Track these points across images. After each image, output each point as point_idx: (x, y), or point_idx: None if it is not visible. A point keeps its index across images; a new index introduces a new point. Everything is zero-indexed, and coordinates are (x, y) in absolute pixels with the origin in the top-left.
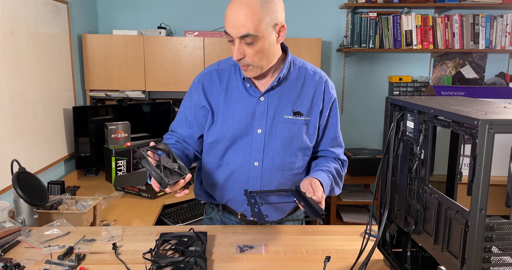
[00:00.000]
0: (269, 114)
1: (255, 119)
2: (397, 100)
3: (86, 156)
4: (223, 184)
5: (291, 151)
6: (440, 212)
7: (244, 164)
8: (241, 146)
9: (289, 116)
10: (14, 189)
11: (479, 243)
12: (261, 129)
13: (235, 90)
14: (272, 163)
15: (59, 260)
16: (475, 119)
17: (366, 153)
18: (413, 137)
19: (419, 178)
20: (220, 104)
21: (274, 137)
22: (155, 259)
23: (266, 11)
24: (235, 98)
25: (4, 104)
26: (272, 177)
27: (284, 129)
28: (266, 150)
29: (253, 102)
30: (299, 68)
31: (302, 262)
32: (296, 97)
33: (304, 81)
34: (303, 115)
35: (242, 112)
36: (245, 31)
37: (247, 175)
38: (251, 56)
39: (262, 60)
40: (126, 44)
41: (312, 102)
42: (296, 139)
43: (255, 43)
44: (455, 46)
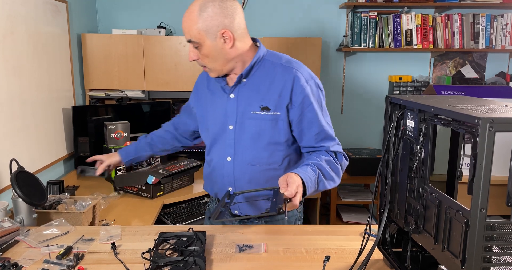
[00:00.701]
0: (238, 111)
1: (227, 116)
2: (397, 99)
3: (85, 156)
4: (210, 178)
5: (260, 146)
6: (441, 212)
7: (220, 160)
8: (219, 142)
9: (256, 112)
10: (12, 188)
11: (479, 242)
12: (232, 126)
13: (216, 90)
14: (242, 158)
15: (57, 259)
16: (476, 117)
17: (366, 152)
18: (413, 136)
19: (419, 177)
20: (207, 105)
21: (244, 132)
22: (154, 258)
23: (204, 18)
24: (214, 97)
25: (3, 104)
26: (244, 172)
27: (252, 124)
28: (237, 145)
29: (225, 99)
30: (272, 64)
31: (302, 262)
32: (265, 92)
33: (274, 77)
34: (271, 110)
35: (219, 110)
36: (188, 37)
37: (222, 170)
38: (203, 59)
39: (214, 63)
40: (125, 43)
41: (280, 96)
42: (264, 134)
43: (200, 48)
44: (455, 46)
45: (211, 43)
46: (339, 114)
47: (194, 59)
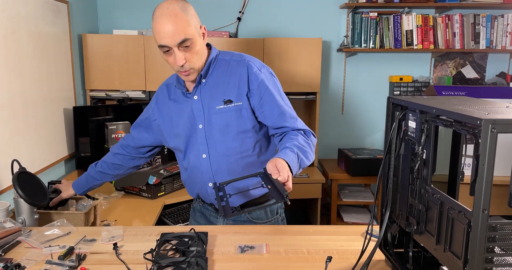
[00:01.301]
0: (204, 109)
1: (195, 117)
2: (399, 99)
3: (86, 156)
4: (189, 180)
5: (230, 137)
6: (442, 212)
7: (197, 159)
8: (191, 144)
9: (221, 106)
10: (14, 189)
11: (481, 243)
12: (201, 124)
13: (177, 98)
14: (216, 152)
15: (59, 260)
16: (478, 118)
17: (366, 153)
18: (415, 137)
19: (421, 178)
20: (171, 114)
21: (212, 128)
22: (156, 259)
23: (190, 16)
24: (178, 104)
25: (4, 104)
26: (220, 165)
27: (218, 119)
28: (209, 141)
29: (190, 102)
30: (226, 61)
31: (303, 262)
32: (225, 87)
33: (230, 71)
34: (233, 101)
35: (185, 114)
36: (181, 37)
37: (200, 168)
38: (191, 60)
39: (199, 62)
40: (126, 44)
41: (239, 87)
42: (231, 125)
43: (192, 46)
44: (455, 46)
45: (199, 39)
46: (340, 115)
47: (184, 62)
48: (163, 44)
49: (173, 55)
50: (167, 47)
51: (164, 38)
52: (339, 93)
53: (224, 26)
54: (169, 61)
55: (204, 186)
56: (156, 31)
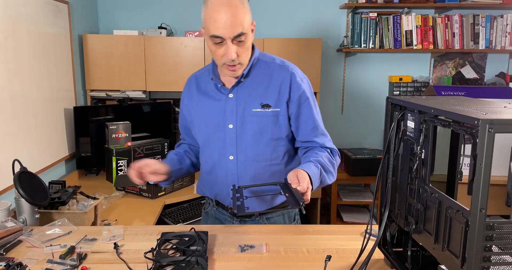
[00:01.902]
0: (238, 109)
1: (226, 116)
2: (397, 100)
3: (86, 156)
4: (208, 180)
5: (263, 142)
6: (441, 212)
7: (221, 159)
8: (217, 142)
9: (257, 109)
10: (15, 188)
11: (479, 242)
12: (232, 124)
13: (209, 91)
14: (245, 156)
15: (60, 259)
16: (476, 118)
17: (366, 153)
18: (413, 137)
19: (420, 177)
20: (198, 107)
21: (245, 130)
22: (157, 258)
23: (247, 10)
24: (209, 99)
25: (5, 104)
26: (248, 169)
27: (253, 122)
28: (239, 143)
29: (223, 99)
30: (267, 63)
31: (303, 262)
32: (264, 90)
33: (272, 75)
34: (271, 106)
35: (215, 109)
36: (239, 30)
37: (225, 169)
38: (241, 55)
39: (247, 58)
40: (126, 44)
41: (279, 93)
42: (266, 131)
43: (245, 41)
44: (455, 46)
45: (251, 34)
46: (339, 115)
47: (236, 56)
48: (217, 35)
49: (224, 47)
50: (221, 38)
51: (220, 28)
52: (339, 93)
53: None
54: (218, 52)
55: (226, 187)
56: (212, 19)
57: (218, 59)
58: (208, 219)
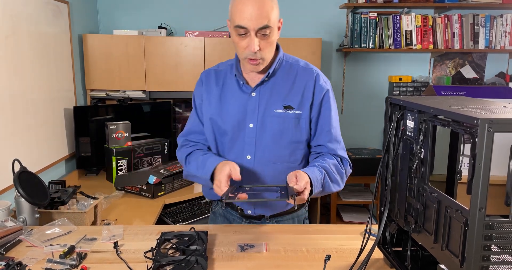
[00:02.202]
0: (260, 109)
1: (247, 114)
2: (397, 99)
3: (86, 156)
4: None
5: (282, 144)
6: (440, 211)
7: (238, 158)
8: (235, 140)
9: (279, 110)
10: (15, 188)
11: (478, 241)
12: (252, 124)
13: (230, 88)
14: (263, 156)
15: (60, 258)
16: (475, 118)
17: (366, 152)
18: (413, 136)
19: (419, 177)
20: (217, 102)
21: (265, 131)
22: (156, 257)
23: (275, 4)
24: (229, 95)
25: (5, 104)
26: (265, 170)
27: (274, 122)
28: (258, 143)
29: (245, 98)
30: (291, 64)
31: (303, 261)
32: (287, 92)
33: (296, 76)
34: (294, 108)
35: (235, 107)
36: (264, 22)
37: (241, 168)
38: (264, 49)
39: (270, 54)
40: (126, 44)
41: (302, 96)
42: (287, 133)
43: (270, 35)
44: (455, 46)
45: (276, 30)
46: (339, 114)
47: (258, 49)
48: (242, 25)
49: (247, 39)
50: (245, 29)
51: (245, 19)
52: (339, 93)
53: (224, 26)
54: (241, 44)
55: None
56: (238, 9)
57: (240, 52)
58: (216, 219)
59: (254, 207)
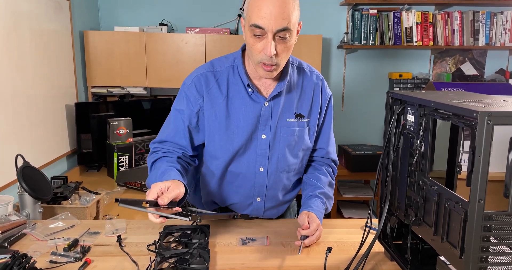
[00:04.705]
0: (273, 119)
1: (259, 125)
2: (397, 94)
3: (88, 152)
4: (226, 191)
5: (294, 154)
6: (440, 204)
7: (249, 171)
8: (246, 153)
9: (291, 120)
10: (18, 183)
11: (477, 233)
12: (265, 135)
13: (236, 95)
14: (277, 167)
15: (64, 251)
16: (474, 111)
17: (366, 149)
18: (413, 130)
19: (419, 170)
20: (222, 111)
21: (279, 141)
22: (159, 250)
23: (297, 6)
24: (237, 104)
25: (7, 100)
26: (277, 180)
27: (288, 133)
28: (271, 155)
29: (257, 108)
30: (297, 69)
31: (304, 254)
32: (297, 99)
33: (303, 82)
34: (304, 117)
35: (246, 119)
36: (284, 24)
37: (253, 181)
38: (281, 54)
39: (285, 60)
40: (127, 40)
41: (312, 103)
42: (299, 142)
43: (288, 39)
44: (455, 43)
45: (295, 35)
46: (340, 111)
47: (275, 53)
48: (259, 25)
49: (263, 42)
50: (262, 30)
51: (264, 18)
52: (339, 90)
53: (224, 23)
54: (256, 47)
55: (249, 199)
56: (256, 6)
57: (254, 55)
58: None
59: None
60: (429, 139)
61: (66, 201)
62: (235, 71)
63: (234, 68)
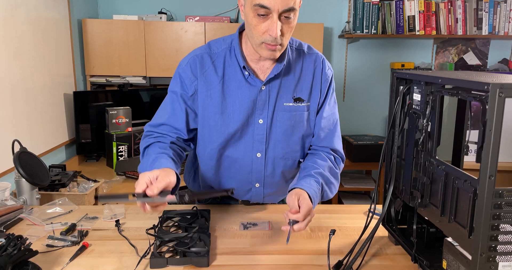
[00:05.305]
0: (270, 103)
1: (256, 109)
2: (403, 73)
3: (87, 142)
4: (224, 176)
5: (293, 140)
6: (448, 183)
7: (246, 156)
8: (242, 138)
9: (289, 104)
10: (15, 168)
11: (488, 210)
12: (262, 120)
13: (232, 77)
14: (274, 154)
15: (61, 236)
16: (486, 83)
17: (368, 139)
18: (419, 109)
19: (426, 150)
20: (217, 94)
21: (276, 126)
22: (159, 234)
23: None
24: (233, 86)
25: (4, 89)
26: (275, 167)
27: (285, 117)
28: (268, 140)
29: (254, 91)
30: (296, 50)
31: (306, 239)
32: (296, 82)
33: (303, 64)
34: (304, 101)
35: (243, 102)
36: (290, 4)
37: (250, 166)
38: (285, 34)
39: (288, 40)
40: (126, 29)
41: (312, 86)
42: (298, 127)
43: (293, 18)
44: (458, 32)
45: (297, 14)
46: (341, 101)
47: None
48: (264, 5)
49: (268, 22)
50: (267, 9)
51: None
52: (340, 80)
53: (225, 12)
54: (258, 28)
55: (247, 185)
56: None
57: (257, 36)
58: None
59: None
60: (436, 118)
61: (64, 189)
62: (232, 53)
63: (231, 50)
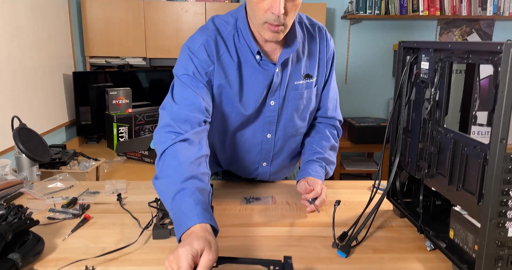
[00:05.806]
0: (282, 85)
1: (268, 92)
2: (411, 42)
3: (87, 124)
4: (232, 156)
5: (302, 117)
6: (456, 151)
7: (256, 137)
8: (254, 121)
9: (300, 82)
10: (15, 144)
11: (498, 175)
12: (274, 101)
13: (247, 63)
14: (284, 133)
15: (63, 208)
16: (499, 43)
17: (370, 121)
18: (427, 78)
19: (434, 119)
20: (235, 81)
21: (287, 106)
22: (162, 207)
23: None
24: (249, 72)
25: (3, 69)
26: (284, 145)
27: (296, 96)
28: (279, 120)
29: (268, 76)
30: (298, 24)
31: (310, 213)
32: (304, 59)
33: (306, 38)
34: (312, 77)
35: (258, 88)
36: None
37: (259, 147)
38: (289, 13)
39: (292, 20)
40: (126, 9)
41: (318, 61)
42: (308, 104)
43: None
44: (462, 13)
45: None
46: (343, 84)
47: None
48: None
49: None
50: None
51: None
52: (343, 62)
53: None
54: (260, 6)
55: (255, 164)
56: None
57: (259, 15)
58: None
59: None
60: (444, 86)
61: (65, 167)
62: (240, 35)
63: (238, 31)
